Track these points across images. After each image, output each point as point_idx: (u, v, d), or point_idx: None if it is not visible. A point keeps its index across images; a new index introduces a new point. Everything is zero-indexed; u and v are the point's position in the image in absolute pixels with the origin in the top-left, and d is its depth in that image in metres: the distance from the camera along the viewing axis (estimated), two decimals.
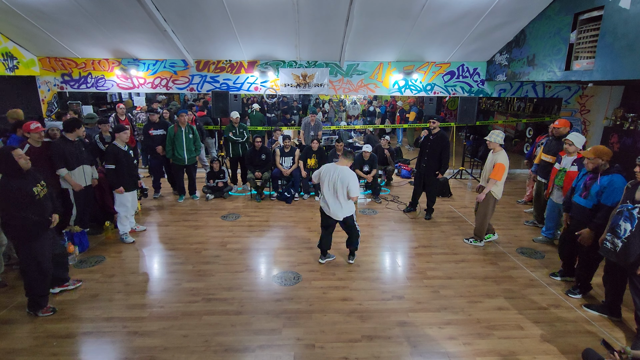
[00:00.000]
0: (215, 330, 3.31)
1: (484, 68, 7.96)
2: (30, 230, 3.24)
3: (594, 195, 3.63)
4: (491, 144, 4.71)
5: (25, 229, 3.21)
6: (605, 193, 3.52)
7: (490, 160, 4.76)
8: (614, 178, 3.51)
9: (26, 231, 3.23)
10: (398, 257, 4.79)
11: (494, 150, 4.73)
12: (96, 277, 4.19)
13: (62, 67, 7.70)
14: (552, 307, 3.73)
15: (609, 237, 3.23)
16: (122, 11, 5.92)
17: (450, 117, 13.61)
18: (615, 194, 3.46)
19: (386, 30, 6.53)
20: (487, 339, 3.25)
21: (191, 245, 4.99)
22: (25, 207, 3.16)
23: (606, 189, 3.52)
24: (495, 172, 4.59)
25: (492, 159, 4.73)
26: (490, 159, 4.77)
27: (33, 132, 4.43)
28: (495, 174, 4.58)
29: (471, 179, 8.34)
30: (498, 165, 4.57)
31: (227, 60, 7.77)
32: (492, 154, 4.77)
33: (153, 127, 6.60)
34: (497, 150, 4.70)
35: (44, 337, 3.22)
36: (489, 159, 4.80)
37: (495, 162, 4.61)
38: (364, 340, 3.21)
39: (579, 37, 5.24)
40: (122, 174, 4.88)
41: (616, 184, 3.48)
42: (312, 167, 6.89)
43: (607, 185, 3.51)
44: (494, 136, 4.69)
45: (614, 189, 3.48)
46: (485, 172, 4.83)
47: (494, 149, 4.72)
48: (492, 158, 4.72)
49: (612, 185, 3.49)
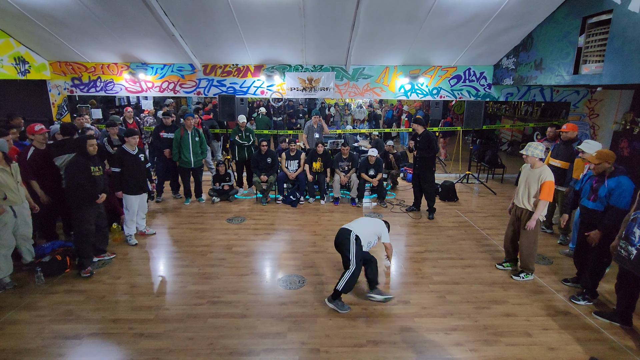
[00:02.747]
0: (220, 333, 3.31)
1: (491, 72, 7.92)
2: (83, 197, 4.16)
3: (604, 198, 3.61)
4: (529, 158, 4.03)
5: (80, 195, 4.14)
6: (614, 195, 3.51)
7: (530, 177, 4.04)
8: (621, 180, 3.51)
9: (80, 197, 4.14)
10: (404, 261, 4.76)
11: (534, 165, 4.04)
12: (103, 279, 4.22)
13: (72, 71, 7.82)
14: (560, 314, 3.67)
15: (622, 244, 3.19)
16: (132, 16, 6.01)
17: (457, 121, 13.55)
18: (625, 195, 3.47)
19: (392, 34, 6.54)
20: (494, 345, 3.21)
21: (197, 248, 5.01)
22: (84, 178, 4.15)
23: (614, 191, 3.51)
24: (546, 191, 3.91)
25: (534, 175, 4.01)
26: (530, 175, 4.06)
27: (37, 133, 4.49)
28: (547, 195, 3.91)
29: (477, 183, 8.27)
30: (548, 183, 3.89)
31: (234, 64, 7.83)
32: (530, 169, 4.08)
33: (165, 129, 6.65)
34: (538, 166, 4.02)
35: (51, 337, 3.24)
36: (527, 176, 4.08)
37: (544, 180, 3.91)
38: (369, 345, 3.19)
39: (588, 41, 5.20)
40: (127, 177, 4.91)
41: (624, 185, 3.49)
42: (317, 171, 6.90)
43: (615, 187, 3.51)
44: (531, 149, 4.00)
45: (622, 190, 3.48)
46: (526, 191, 4.09)
47: (533, 164, 4.04)
48: (535, 175, 4.00)
49: (620, 187, 3.49)
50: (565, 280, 4.22)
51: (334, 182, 6.90)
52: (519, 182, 4.22)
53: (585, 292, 3.85)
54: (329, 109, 14.73)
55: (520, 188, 4.17)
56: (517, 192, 4.23)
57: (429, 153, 6.03)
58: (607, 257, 3.66)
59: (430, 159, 6.13)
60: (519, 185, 4.20)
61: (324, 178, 6.96)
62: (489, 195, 7.57)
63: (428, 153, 6.04)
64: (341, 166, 6.89)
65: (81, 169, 4.18)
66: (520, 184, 4.17)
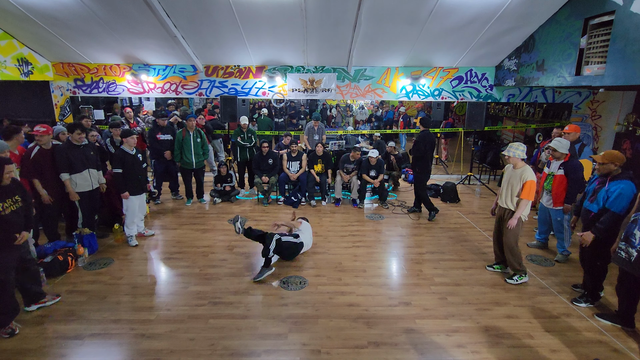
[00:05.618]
0: (222, 334, 3.31)
1: (493, 73, 7.92)
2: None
3: (600, 200, 3.58)
4: (511, 159, 4.05)
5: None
6: (611, 198, 3.47)
7: (513, 177, 4.07)
8: (622, 184, 3.44)
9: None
10: (405, 262, 4.75)
11: (516, 166, 4.05)
12: (104, 279, 4.23)
13: (75, 72, 7.86)
14: (563, 315, 3.65)
15: (623, 246, 3.17)
16: (134, 18, 6.04)
17: (459, 122, 13.53)
18: (621, 199, 3.41)
19: (394, 35, 6.55)
20: (496, 347, 3.20)
21: (198, 249, 5.02)
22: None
23: (613, 194, 3.46)
24: (526, 191, 3.93)
25: (516, 175, 4.03)
26: (512, 176, 4.08)
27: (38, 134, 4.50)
28: (527, 194, 3.93)
29: (479, 184, 8.26)
30: (529, 183, 3.91)
31: (236, 65, 7.85)
32: (512, 170, 4.10)
33: (161, 131, 6.62)
34: (520, 166, 4.03)
35: (52, 338, 3.25)
36: (510, 176, 4.11)
37: (525, 179, 3.93)
38: (371, 346, 3.18)
39: (590, 42, 5.19)
40: (129, 178, 4.93)
41: (623, 190, 3.41)
42: (318, 173, 6.90)
43: (615, 190, 3.46)
44: (512, 150, 4.01)
45: (620, 194, 3.42)
46: (508, 191, 4.11)
47: (515, 164, 4.05)
48: (517, 175, 4.03)
49: (619, 190, 3.43)
50: (575, 286, 4.16)
51: (336, 184, 6.90)
52: (502, 183, 4.26)
53: (586, 295, 3.84)
54: (331, 110, 14.74)
55: (503, 189, 4.21)
56: (500, 193, 4.28)
57: (416, 153, 6.04)
58: (601, 261, 3.64)
59: (418, 160, 6.06)
60: (502, 186, 4.24)
61: (325, 179, 6.97)
62: (490, 196, 7.55)
63: (417, 161, 6.08)
64: (346, 168, 6.89)
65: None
66: (503, 184, 4.20)
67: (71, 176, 4.69)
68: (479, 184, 8.30)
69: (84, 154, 4.78)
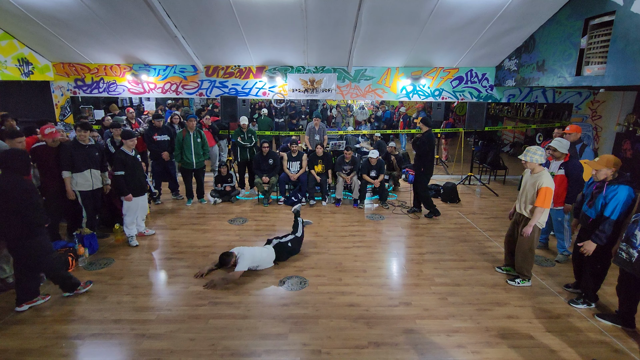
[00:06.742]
0: (222, 334, 3.31)
1: (493, 73, 7.92)
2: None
3: (598, 206, 3.50)
4: (528, 164, 3.90)
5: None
6: (608, 204, 3.39)
7: (529, 183, 3.94)
8: (619, 189, 3.36)
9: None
10: (405, 263, 4.75)
11: (533, 171, 3.92)
12: (105, 279, 4.23)
13: (76, 72, 7.87)
14: (563, 316, 3.65)
15: (623, 246, 3.17)
16: (134, 18, 6.04)
17: (459, 122, 13.54)
18: (617, 206, 3.33)
19: (394, 35, 6.55)
20: (496, 347, 3.20)
21: (198, 249, 5.02)
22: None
23: (610, 200, 3.38)
24: (541, 198, 3.77)
25: (532, 181, 3.90)
26: (528, 181, 3.97)
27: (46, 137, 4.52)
28: (542, 201, 3.77)
29: (479, 184, 8.26)
30: (544, 189, 3.75)
31: (236, 65, 7.86)
32: (530, 175, 3.96)
33: (157, 132, 6.58)
34: (538, 171, 3.88)
35: (53, 337, 3.25)
36: (527, 181, 3.99)
37: (540, 186, 3.77)
38: (371, 346, 3.18)
39: (590, 42, 5.19)
40: (130, 180, 4.93)
41: (620, 195, 3.33)
42: (319, 173, 6.90)
43: (611, 196, 3.38)
44: (529, 154, 3.85)
45: (613, 199, 3.34)
46: (525, 198, 3.99)
47: (533, 169, 3.92)
48: (533, 180, 3.89)
49: (615, 196, 3.35)
50: (567, 286, 4.18)
51: (337, 184, 6.90)
52: (521, 187, 4.14)
53: (584, 296, 3.83)
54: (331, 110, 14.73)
55: (521, 193, 4.10)
56: (518, 197, 4.18)
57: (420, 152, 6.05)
58: (601, 264, 3.62)
59: (422, 159, 6.08)
60: (520, 191, 4.12)
61: (326, 179, 6.97)
62: (490, 196, 7.55)
63: (418, 160, 6.13)
64: (344, 169, 6.90)
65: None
66: (522, 189, 4.10)
67: (72, 174, 4.70)
68: (479, 184, 8.30)
69: (87, 154, 4.79)
